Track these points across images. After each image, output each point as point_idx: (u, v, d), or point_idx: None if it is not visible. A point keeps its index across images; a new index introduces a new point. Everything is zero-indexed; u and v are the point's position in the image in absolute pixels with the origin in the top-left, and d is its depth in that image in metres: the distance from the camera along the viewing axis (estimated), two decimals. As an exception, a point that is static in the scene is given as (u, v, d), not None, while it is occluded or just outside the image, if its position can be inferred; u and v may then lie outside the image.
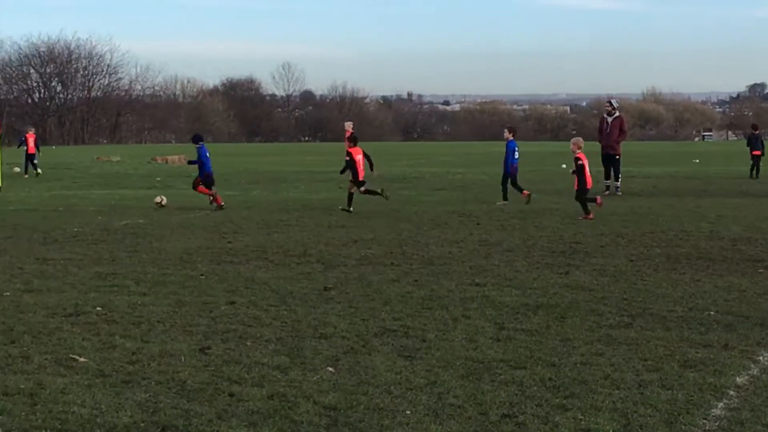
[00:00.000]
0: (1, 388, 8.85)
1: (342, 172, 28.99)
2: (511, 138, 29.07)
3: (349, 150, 26.98)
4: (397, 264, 16.58)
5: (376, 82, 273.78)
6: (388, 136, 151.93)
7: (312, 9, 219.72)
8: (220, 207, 27.15)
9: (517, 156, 28.81)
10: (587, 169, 24.78)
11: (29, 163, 46.57)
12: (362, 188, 26.65)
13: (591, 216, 23.60)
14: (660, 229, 21.37)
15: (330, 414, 8.13)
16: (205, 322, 11.80)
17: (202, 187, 28.36)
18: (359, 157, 26.84)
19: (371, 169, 27.52)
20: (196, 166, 28.95)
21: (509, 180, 28.65)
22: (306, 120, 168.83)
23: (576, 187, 24.86)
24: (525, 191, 28.24)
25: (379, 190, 27.08)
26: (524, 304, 12.90)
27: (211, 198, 27.96)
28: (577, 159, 24.83)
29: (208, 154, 28.50)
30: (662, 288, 14.08)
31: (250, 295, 13.58)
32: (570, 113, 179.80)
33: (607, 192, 31.77)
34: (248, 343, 10.68)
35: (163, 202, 28.31)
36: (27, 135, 47.57)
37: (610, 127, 33.49)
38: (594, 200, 24.62)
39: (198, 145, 28.69)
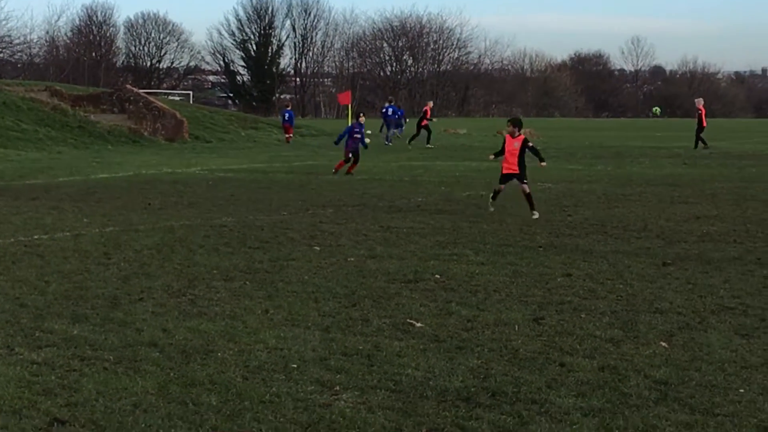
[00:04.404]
0: (341, 349, 9.24)
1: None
2: None
3: None
4: (740, 242, 16.13)
5: (728, 57, 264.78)
6: (739, 112, 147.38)
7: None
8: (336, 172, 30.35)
9: None
10: None
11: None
12: None
13: None
14: None
15: (660, 388, 8.03)
16: (541, 293, 11.89)
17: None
18: None
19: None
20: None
21: None
22: (655, 95, 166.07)
23: None
24: None
25: None
26: None
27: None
28: None
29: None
30: None
31: (586, 268, 13.57)
32: None
33: None
34: (582, 315, 10.68)
35: None
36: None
37: None
38: None
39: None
